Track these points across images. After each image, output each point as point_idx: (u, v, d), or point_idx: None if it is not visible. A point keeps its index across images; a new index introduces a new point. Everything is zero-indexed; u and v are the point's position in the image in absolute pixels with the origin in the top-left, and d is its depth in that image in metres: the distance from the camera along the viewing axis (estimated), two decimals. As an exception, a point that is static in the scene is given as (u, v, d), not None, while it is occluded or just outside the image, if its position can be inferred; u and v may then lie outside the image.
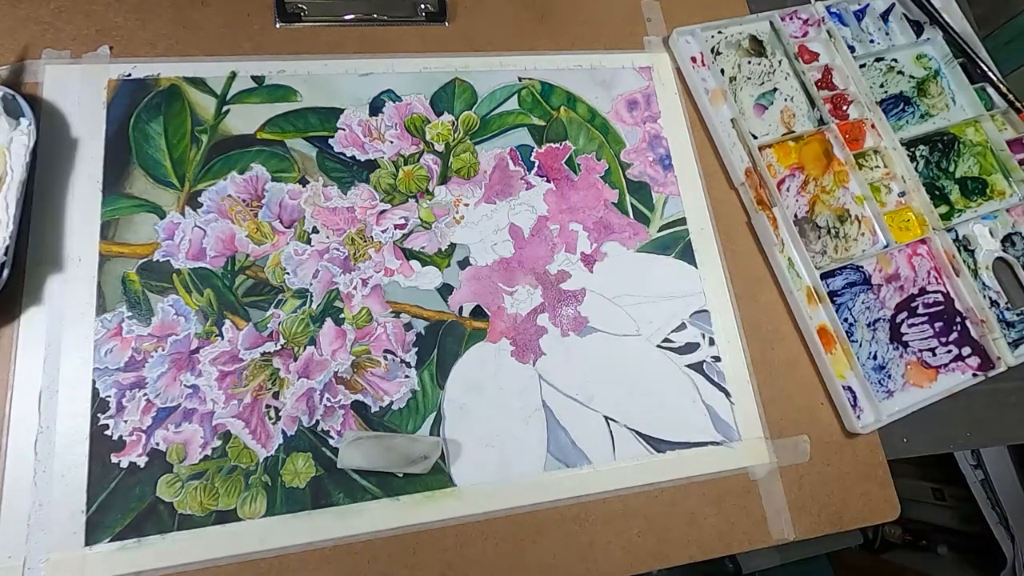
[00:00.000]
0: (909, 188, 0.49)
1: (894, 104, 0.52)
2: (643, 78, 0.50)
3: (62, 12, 0.42)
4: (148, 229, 0.39)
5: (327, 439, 0.37)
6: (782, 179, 0.48)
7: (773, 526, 0.40)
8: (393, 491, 0.37)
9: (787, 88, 0.51)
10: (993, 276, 0.49)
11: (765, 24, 0.53)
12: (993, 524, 0.74)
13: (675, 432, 0.41)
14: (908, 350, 0.45)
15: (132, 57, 0.42)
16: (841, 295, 0.46)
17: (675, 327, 0.44)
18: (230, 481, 0.35)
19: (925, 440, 0.44)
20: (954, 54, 0.54)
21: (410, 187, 0.43)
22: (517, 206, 0.44)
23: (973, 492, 0.75)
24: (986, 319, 0.46)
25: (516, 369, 0.40)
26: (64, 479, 0.34)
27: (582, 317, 0.43)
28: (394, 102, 0.45)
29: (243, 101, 0.43)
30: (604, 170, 0.47)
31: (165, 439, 0.35)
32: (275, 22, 0.46)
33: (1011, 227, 0.50)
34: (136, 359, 0.36)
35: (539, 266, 0.43)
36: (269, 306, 0.39)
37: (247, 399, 0.37)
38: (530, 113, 0.47)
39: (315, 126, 0.43)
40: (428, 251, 0.42)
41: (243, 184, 0.41)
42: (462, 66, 0.47)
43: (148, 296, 0.38)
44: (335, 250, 0.41)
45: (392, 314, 0.40)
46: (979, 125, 0.53)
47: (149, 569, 0.33)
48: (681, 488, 0.40)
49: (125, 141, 0.40)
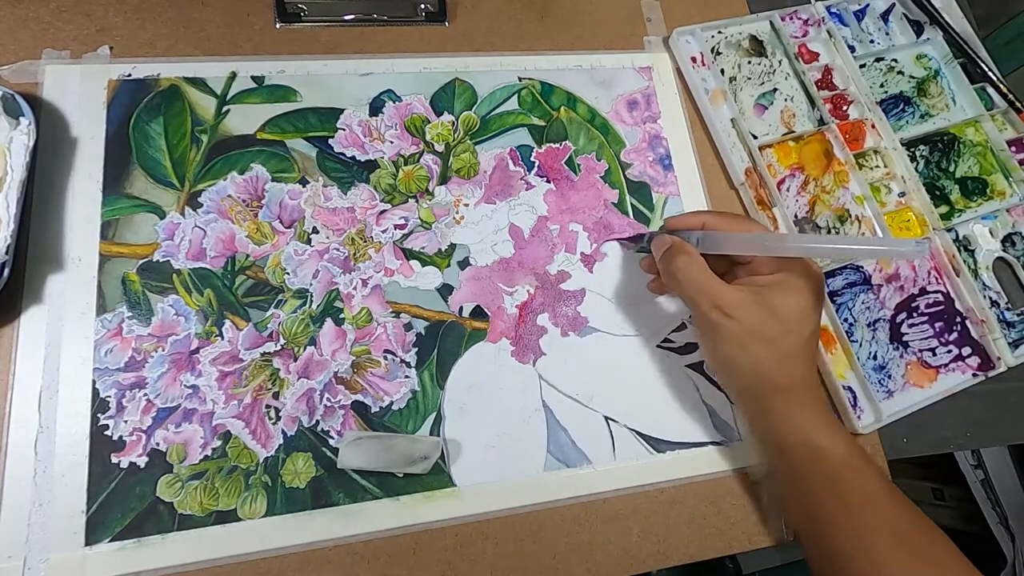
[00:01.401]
0: (909, 188, 0.49)
1: (894, 104, 0.52)
2: (643, 78, 0.50)
3: (62, 12, 0.43)
4: (148, 229, 0.39)
5: (327, 439, 0.37)
6: (782, 179, 0.48)
7: (773, 526, 0.40)
8: (393, 491, 0.37)
9: (787, 88, 0.51)
10: (993, 276, 0.49)
11: (765, 24, 0.53)
12: (993, 524, 0.74)
13: (675, 432, 0.41)
14: (908, 350, 0.45)
15: (132, 57, 0.42)
16: (841, 295, 0.46)
17: (675, 327, 0.44)
18: (230, 481, 0.35)
19: (925, 440, 0.44)
20: (954, 54, 0.54)
21: (410, 187, 0.43)
22: (517, 206, 0.44)
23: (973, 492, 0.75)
24: (986, 319, 0.46)
25: (516, 369, 0.40)
26: (64, 479, 0.34)
27: (582, 317, 0.43)
28: (394, 102, 0.45)
29: (243, 101, 0.43)
30: (604, 170, 0.47)
31: (165, 439, 0.35)
32: (275, 22, 0.46)
33: (1011, 227, 0.50)
34: (136, 359, 0.36)
35: (539, 266, 0.43)
36: (269, 306, 0.39)
37: (247, 399, 0.37)
38: (530, 113, 0.47)
39: (315, 126, 0.43)
40: (428, 251, 0.42)
41: (243, 184, 0.41)
42: (462, 66, 0.47)
43: (148, 296, 0.38)
44: (335, 250, 0.41)
45: (392, 314, 0.40)
46: (979, 125, 0.53)
47: (149, 569, 0.33)
48: (681, 488, 0.40)
49: (125, 141, 0.40)
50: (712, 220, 0.37)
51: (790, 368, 0.34)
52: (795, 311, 0.34)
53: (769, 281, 0.34)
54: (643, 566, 0.38)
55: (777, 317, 0.33)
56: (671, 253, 0.36)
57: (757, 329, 0.33)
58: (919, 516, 0.34)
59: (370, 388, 0.38)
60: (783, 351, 0.34)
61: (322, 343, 0.39)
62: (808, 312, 0.34)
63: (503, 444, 0.39)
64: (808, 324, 0.34)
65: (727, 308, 0.34)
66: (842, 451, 0.34)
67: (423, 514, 0.36)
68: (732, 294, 0.34)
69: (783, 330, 0.33)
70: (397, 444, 0.36)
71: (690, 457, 0.41)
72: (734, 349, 0.34)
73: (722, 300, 0.34)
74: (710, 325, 0.34)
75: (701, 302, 0.34)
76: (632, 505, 0.39)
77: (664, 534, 0.39)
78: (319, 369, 0.38)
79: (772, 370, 0.34)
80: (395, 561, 0.36)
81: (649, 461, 0.40)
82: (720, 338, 0.34)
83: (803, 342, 0.34)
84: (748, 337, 0.34)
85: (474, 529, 0.37)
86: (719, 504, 0.40)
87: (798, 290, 0.34)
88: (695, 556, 0.39)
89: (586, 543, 0.38)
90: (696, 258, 0.35)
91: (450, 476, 0.38)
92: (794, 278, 0.34)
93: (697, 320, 0.36)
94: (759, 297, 0.34)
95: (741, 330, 0.34)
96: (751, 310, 0.34)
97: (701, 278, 0.35)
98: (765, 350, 0.34)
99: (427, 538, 0.36)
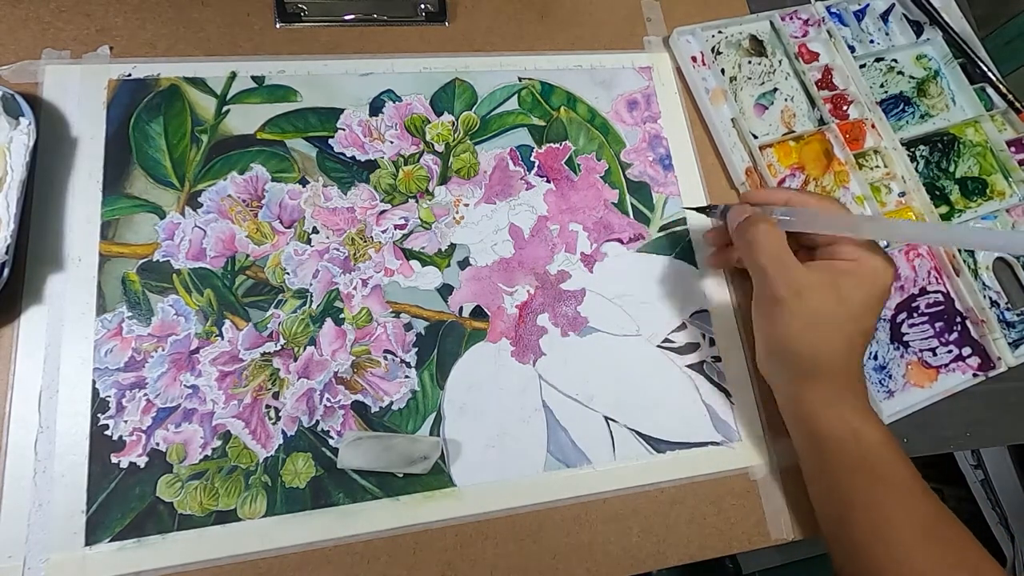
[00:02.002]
0: (909, 188, 0.49)
1: (894, 104, 0.52)
2: (643, 78, 0.50)
3: (62, 12, 0.42)
4: (148, 229, 0.39)
5: (327, 439, 0.37)
6: (782, 179, 0.48)
7: (773, 526, 0.40)
8: (393, 491, 0.37)
9: (787, 88, 0.51)
10: (993, 276, 0.49)
11: (765, 24, 0.53)
12: (993, 524, 0.74)
13: (675, 432, 0.41)
14: (908, 350, 0.45)
15: (132, 57, 0.42)
16: (841, 295, 0.46)
17: (675, 327, 0.44)
18: (230, 481, 0.35)
19: (925, 440, 0.44)
20: (954, 54, 0.54)
21: (410, 187, 0.43)
22: (517, 206, 0.44)
23: (973, 492, 0.75)
24: (986, 319, 0.46)
25: (516, 369, 0.40)
26: (64, 479, 0.34)
27: (582, 317, 0.43)
28: (394, 102, 0.45)
29: (243, 101, 0.43)
30: (604, 170, 0.47)
31: (165, 439, 0.35)
32: (275, 22, 0.46)
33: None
34: (136, 359, 0.36)
35: (539, 266, 0.43)
36: (269, 306, 0.39)
37: (247, 399, 0.37)
38: (530, 113, 0.47)
39: (315, 126, 0.43)
40: (428, 251, 0.42)
41: (243, 184, 0.41)
42: (462, 66, 0.47)
43: (148, 296, 0.38)
44: (335, 250, 0.41)
45: (392, 314, 0.40)
46: (979, 125, 0.53)
47: (149, 569, 0.33)
48: (681, 488, 0.40)
49: (125, 141, 0.40)
50: (798, 198, 0.37)
51: (847, 356, 0.34)
52: (865, 301, 0.34)
53: (846, 268, 0.34)
54: (643, 566, 0.38)
55: (847, 304, 0.34)
56: (751, 222, 0.36)
57: (826, 313, 0.33)
58: (944, 509, 0.34)
59: (370, 388, 0.38)
60: (845, 338, 0.34)
61: (322, 343, 0.39)
62: (876, 303, 0.34)
63: (503, 444, 0.39)
64: (873, 315, 0.35)
65: (800, 287, 0.34)
66: (877, 438, 0.34)
67: (423, 514, 0.36)
68: (808, 274, 0.34)
69: (849, 317, 0.34)
70: (397, 444, 0.36)
71: (690, 457, 0.41)
72: (795, 330, 0.34)
73: (797, 278, 0.34)
74: (778, 301, 0.34)
75: (777, 275, 0.34)
76: (632, 505, 0.39)
77: (664, 534, 0.39)
78: (319, 369, 0.38)
79: (827, 356, 0.34)
80: (395, 561, 0.36)
81: (649, 461, 0.40)
82: (783, 316, 0.34)
83: (864, 332, 0.34)
84: (815, 319, 0.33)
85: (474, 529, 0.37)
86: (719, 504, 0.40)
87: (872, 281, 0.34)
88: (695, 556, 0.39)
89: (586, 543, 0.38)
90: (778, 231, 0.35)
91: (450, 476, 0.38)
92: (871, 268, 0.34)
93: (764, 293, 0.36)
94: (835, 281, 0.34)
95: (809, 312, 0.33)
96: (824, 293, 0.33)
97: (781, 252, 0.34)
98: (829, 335, 0.34)
99: (427, 538, 0.36)
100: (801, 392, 0.36)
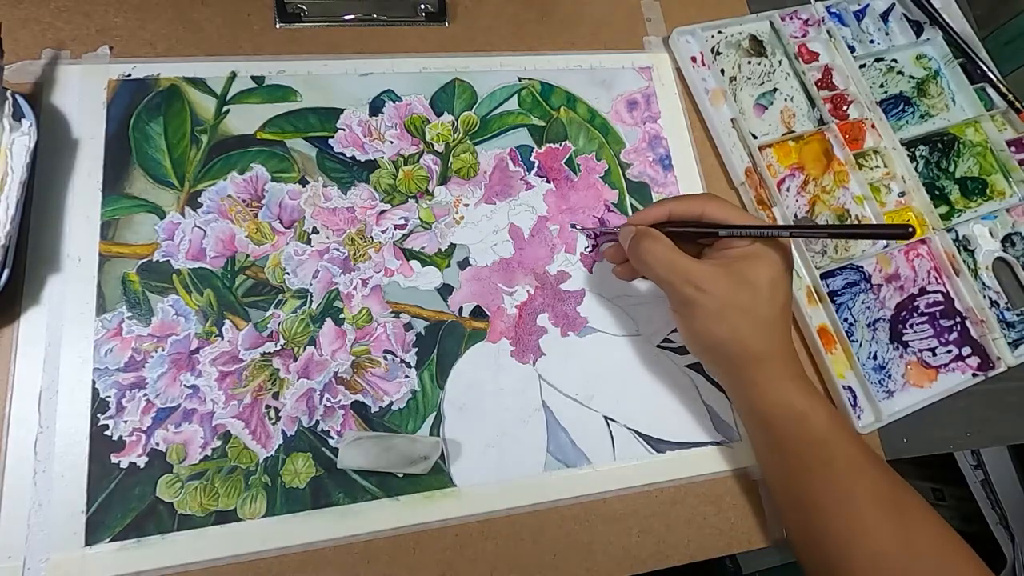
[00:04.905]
0: (909, 188, 0.49)
1: (894, 104, 0.52)
2: (643, 78, 0.50)
3: (62, 12, 0.43)
4: (148, 229, 0.39)
5: (327, 439, 0.37)
6: (782, 179, 0.48)
7: (773, 526, 0.40)
8: (393, 491, 0.37)
9: (787, 88, 0.51)
10: (993, 276, 0.49)
11: (765, 24, 0.53)
12: (993, 524, 0.74)
13: (675, 432, 0.41)
14: (908, 350, 0.45)
15: (132, 57, 0.42)
16: (841, 295, 0.46)
17: (675, 327, 0.43)
18: (230, 481, 0.35)
19: (925, 440, 0.44)
20: (954, 54, 0.54)
21: (410, 187, 0.43)
22: (517, 206, 0.44)
23: (973, 492, 0.75)
24: (986, 319, 0.46)
25: (516, 369, 0.40)
26: (64, 479, 0.34)
27: (582, 317, 0.43)
28: (394, 102, 0.45)
29: (243, 101, 0.43)
30: (604, 170, 0.47)
31: (165, 439, 0.35)
32: (275, 22, 0.46)
33: (1011, 227, 0.50)
34: (136, 359, 0.36)
35: (539, 266, 0.43)
36: (269, 306, 0.39)
37: (247, 399, 0.37)
38: (530, 113, 0.47)
39: (315, 126, 0.43)
40: (428, 251, 0.42)
41: (243, 184, 0.41)
42: (462, 66, 0.47)
43: (148, 296, 0.38)
44: (335, 250, 0.41)
45: (392, 314, 0.40)
46: (979, 125, 0.53)
47: (149, 569, 0.33)
48: (681, 488, 0.40)
49: (125, 141, 0.40)
50: (679, 207, 0.37)
51: (767, 336, 0.35)
52: (767, 280, 0.34)
53: (738, 254, 0.35)
54: (643, 566, 0.38)
55: (750, 286, 0.34)
56: (636, 239, 0.37)
57: (731, 299, 0.34)
58: (899, 480, 0.35)
59: (370, 388, 0.38)
60: (759, 319, 0.34)
61: (322, 343, 0.39)
62: (779, 280, 0.35)
63: (503, 444, 0.39)
64: (781, 292, 0.35)
65: (700, 282, 0.34)
66: (824, 417, 0.34)
67: (423, 514, 0.36)
68: (703, 268, 0.35)
69: (757, 298, 0.34)
70: (397, 444, 0.36)
71: (690, 457, 0.41)
72: (711, 322, 0.34)
73: (694, 275, 0.34)
74: (685, 301, 0.35)
75: (674, 280, 0.35)
76: (632, 505, 0.39)
77: (664, 534, 0.39)
78: (319, 369, 0.38)
79: (750, 338, 0.34)
80: (395, 561, 0.36)
81: (649, 461, 0.40)
82: (697, 313, 0.35)
83: (778, 310, 0.35)
84: (724, 308, 0.34)
85: (474, 529, 0.37)
86: (719, 504, 0.40)
87: (768, 260, 0.35)
88: (695, 556, 0.39)
89: (586, 543, 0.38)
90: (662, 239, 0.36)
91: (450, 476, 0.38)
92: (763, 249, 0.35)
93: (672, 300, 0.37)
94: (730, 268, 0.34)
95: (716, 302, 0.34)
96: (724, 281, 0.34)
97: (670, 257, 0.35)
98: (742, 319, 0.34)
99: (427, 538, 0.36)
100: (740, 380, 0.36)
